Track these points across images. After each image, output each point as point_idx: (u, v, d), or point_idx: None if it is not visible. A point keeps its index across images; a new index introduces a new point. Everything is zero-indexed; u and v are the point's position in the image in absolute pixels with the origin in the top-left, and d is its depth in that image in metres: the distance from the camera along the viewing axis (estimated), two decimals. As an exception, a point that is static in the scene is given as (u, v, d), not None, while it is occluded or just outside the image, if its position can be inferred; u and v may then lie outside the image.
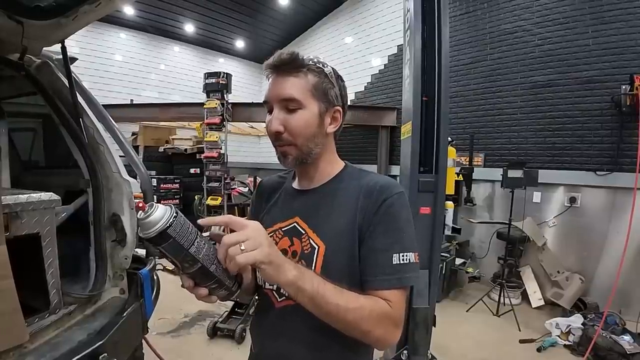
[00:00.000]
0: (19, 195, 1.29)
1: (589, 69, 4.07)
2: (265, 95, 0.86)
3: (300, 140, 0.83)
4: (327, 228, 0.84)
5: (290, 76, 0.83)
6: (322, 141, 0.88)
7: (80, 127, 1.84)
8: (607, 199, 3.98)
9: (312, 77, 0.84)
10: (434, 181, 2.35)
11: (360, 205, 0.83)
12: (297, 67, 0.83)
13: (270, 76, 0.85)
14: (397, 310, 0.78)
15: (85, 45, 7.20)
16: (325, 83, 0.85)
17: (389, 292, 0.78)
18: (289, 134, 0.83)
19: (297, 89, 0.82)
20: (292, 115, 0.82)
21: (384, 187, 0.83)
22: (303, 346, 0.84)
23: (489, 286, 4.33)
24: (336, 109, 0.89)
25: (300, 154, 0.85)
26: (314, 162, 0.89)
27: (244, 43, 9.35)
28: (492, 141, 4.96)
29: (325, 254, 0.82)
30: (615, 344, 2.90)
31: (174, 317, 3.59)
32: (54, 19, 1.53)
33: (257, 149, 10.52)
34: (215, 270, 0.68)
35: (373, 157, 6.43)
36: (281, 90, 0.82)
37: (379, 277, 0.78)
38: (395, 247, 0.79)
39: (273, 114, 0.84)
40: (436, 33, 2.38)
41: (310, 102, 0.83)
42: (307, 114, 0.83)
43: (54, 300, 1.44)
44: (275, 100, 0.83)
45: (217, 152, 5.80)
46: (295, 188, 0.95)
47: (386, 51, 6.65)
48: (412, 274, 0.79)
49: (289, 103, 0.82)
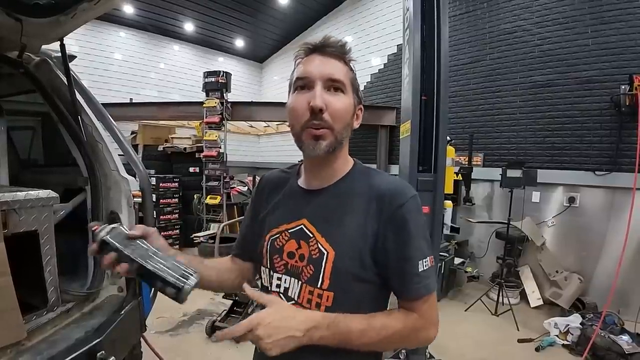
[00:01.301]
0: (17, 193, 1.29)
1: (588, 69, 4.07)
2: (302, 71, 0.81)
3: (338, 125, 0.80)
4: (336, 233, 0.82)
5: (336, 59, 0.82)
6: (349, 134, 0.86)
7: (79, 125, 1.84)
8: (606, 199, 3.99)
9: (350, 69, 0.84)
10: (432, 180, 2.36)
11: (373, 211, 0.81)
12: (344, 54, 0.83)
13: (309, 55, 0.82)
14: (429, 317, 0.81)
15: (85, 43, 7.20)
16: (357, 81, 0.86)
17: (418, 301, 0.80)
18: (330, 116, 0.78)
19: (343, 73, 0.82)
20: (336, 97, 0.80)
21: (398, 191, 0.81)
22: (311, 352, 0.81)
23: (488, 286, 4.33)
24: (360, 107, 0.89)
25: (334, 141, 0.80)
26: (334, 156, 0.85)
27: (243, 42, 9.35)
28: (491, 141, 4.97)
29: (334, 260, 0.79)
30: (614, 343, 2.90)
31: (172, 315, 3.59)
32: (52, 16, 1.53)
33: (257, 148, 10.52)
34: (153, 269, 0.75)
35: (372, 156, 6.43)
36: (330, 69, 0.80)
37: (407, 287, 0.80)
38: (417, 254, 0.79)
39: (316, 91, 0.77)
40: (435, 32, 2.38)
41: (349, 90, 0.83)
42: (348, 100, 0.82)
43: (52, 297, 1.44)
44: (320, 78, 0.78)
45: (216, 151, 5.80)
46: (303, 187, 0.92)
47: (386, 50, 6.65)
48: (434, 277, 0.82)
49: (335, 83, 0.80)
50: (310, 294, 0.81)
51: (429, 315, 0.82)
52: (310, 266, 0.82)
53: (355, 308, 0.81)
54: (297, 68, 0.83)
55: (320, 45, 0.81)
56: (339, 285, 0.79)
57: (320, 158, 0.83)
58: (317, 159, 0.84)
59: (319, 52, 0.82)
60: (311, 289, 0.81)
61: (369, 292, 0.83)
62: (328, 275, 0.79)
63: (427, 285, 0.79)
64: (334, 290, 0.79)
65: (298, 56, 0.84)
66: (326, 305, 0.80)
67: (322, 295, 0.80)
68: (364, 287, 0.81)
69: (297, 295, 0.83)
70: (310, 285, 0.81)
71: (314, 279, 0.81)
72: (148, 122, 7.06)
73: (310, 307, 0.81)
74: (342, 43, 0.82)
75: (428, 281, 0.80)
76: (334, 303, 0.80)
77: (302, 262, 0.83)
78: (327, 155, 0.82)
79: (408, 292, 0.80)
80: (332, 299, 0.80)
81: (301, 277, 0.83)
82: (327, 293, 0.80)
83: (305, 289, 0.82)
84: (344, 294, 0.80)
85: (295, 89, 0.83)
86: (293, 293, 0.84)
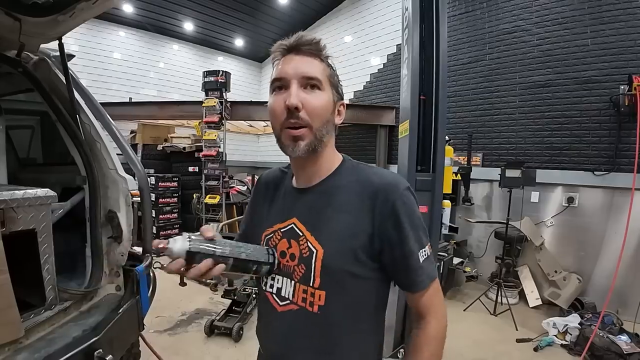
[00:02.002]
0: (15, 191, 1.29)
1: (587, 69, 4.07)
2: (278, 72, 0.81)
3: (316, 123, 0.79)
4: (325, 231, 0.82)
5: (311, 57, 0.81)
6: (331, 131, 0.86)
7: (77, 124, 1.84)
8: (604, 199, 3.99)
9: (327, 66, 0.84)
10: (431, 180, 2.36)
11: (366, 207, 0.80)
12: (319, 51, 0.82)
13: (285, 56, 0.82)
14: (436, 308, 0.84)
15: (84, 43, 7.20)
16: (336, 76, 0.86)
17: (423, 291, 0.82)
18: (307, 113, 0.78)
19: (319, 71, 0.81)
20: (312, 94, 0.80)
21: (391, 186, 0.81)
22: (308, 351, 0.83)
23: (487, 285, 4.34)
24: (342, 103, 0.89)
25: (313, 139, 0.80)
26: (317, 154, 0.84)
27: (243, 42, 9.35)
28: (490, 141, 4.97)
29: (323, 258, 0.79)
30: (612, 343, 2.90)
31: (171, 315, 3.59)
32: (51, 15, 1.53)
33: (256, 147, 10.53)
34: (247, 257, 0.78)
35: (372, 156, 6.43)
36: (305, 67, 0.80)
37: (413, 280, 0.82)
38: (416, 246, 0.80)
39: (291, 90, 0.78)
40: (434, 32, 2.38)
41: (327, 87, 0.83)
42: (325, 96, 0.82)
43: (50, 296, 1.44)
44: (295, 77, 0.79)
45: (215, 150, 5.79)
46: (294, 186, 0.92)
47: (385, 50, 6.65)
48: (434, 264, 0.85)
49: (311, 81, 0.79)
50: (305, 292, 0.81)
51: (436, 305, 0.84)
52: (302, 265, 0.82)
53: (353, 306, 0.82)
54: (274, 69, 0.83)
55: (295, 45, 0.81)
56: (330, 284, 0.79)
57: (302, 158, 0.83)
58: (300, 159, 0.84)
59: (294, 51, 0.81)
60: (305, 288, 0.81)
61: (367, 289, 0.83)
62: (318, 274, 0.79)
63: (429, 274, 0.82)
64: (326, 288, 0.79)
65: (275, 57, 0.84)
66: (319, 304, 0.80)
67: (315, 294, 0.80)
68: (360, 284, 0.81)
69: (292, 295, 0.83)
70: (304, 284, 0.81)
71: (306, 277, 0.81)
72: (147, 122, 7.07)
73: (305, 306, 0.81)
74: (316, 40, 0.81)
75: (429, 270, 0.82)
76: (327, 302, 0.80)
77: (293, 262, 0.83)
78: (309, 155, 0.82)
79: (415, 286, 0.82)
80: (325, 297, 0.80)
81: (293, 276, 0.83)
82: (319, 292, 0.80)
83: (299, 288, 0.82)
84: (337, 291, 0.80)
85: (273, 90, 0.83)
86: (287, 293, 0.84)
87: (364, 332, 0.85)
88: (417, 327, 0.84)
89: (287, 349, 0.85)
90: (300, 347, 0.84)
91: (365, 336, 0.86)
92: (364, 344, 0.86)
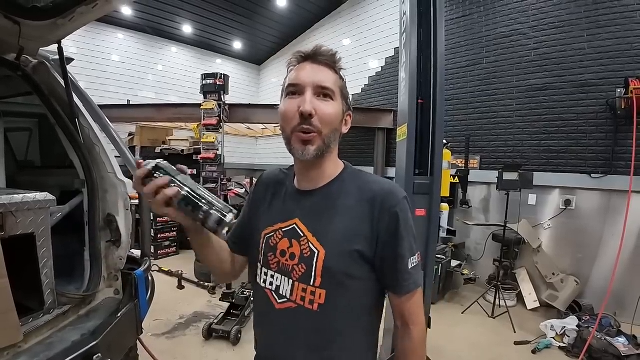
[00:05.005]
0: (14, 195, 1.29)
1: (584, 73, 4.10)
2: (294, 78, 0.85)
3: (326, 130, 0.84)
4: (327, 233, 0.85)
5: (326, 67, 0.86)
6: (338, 139, 0.90)
7: (76, 127, 1.84)
8: (602, 202, 4.01)
9: (340, 78, 0.89)
10: (429, 183, 2.36)
11: (365, 212, 0.84)
12: (334, 63, 0.87)
13: (301, 63, 0.87)
14: (416, 315, 0.89)
15: (83, 45, 7.19)
16: (346, 89, 0.91)
17: (407, 295, 0.87)
18: (319, 120, 0.82)
19: (333, 81, 0.86)
20: (325, 103, 0.84)
21: (389, 194, 0.85)
22: (305, 347, 0.86)
23: (485, 288, 4.35)
24: (349, 114, 0.93)
25: (322, 145, 0.84)
26: (323, 159, 0.88)
27: (241, 44, 9.36)
28: (488, 144, 4.99)
29: (325, 259, 0.83)
30: (610, 345, 2.92)
31: (169, 318, 3.58)
32: (51, 19, 1.54)
33: (254, 150, 10.52)
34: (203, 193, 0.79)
35: (370, 159, 6.44)
36: (320, 77, 0.84)
37: (399, 284, 0.86)
38: (408, 253, 0.85)
39: (306, 97, 0.82)
40: (432, 36, 2.38)
41: (338, 98, 0.87)
42: (337, 106, 0.86)
43: (49, 300, 1.43)
44: (310, 85, 0.83)
45: (213, 153, 5.78)
46: (297, 188, 0.95)
47: (383, 53, 6.67)
48: (420, 273, 0.89)
49: (325, 90, 0.84)
50: (304, 291, 0.84)
51: (419, 314, 0.89)
52: (302, 265, 0.85)
53: (351, 305, 0.86)
54: (289, 75, 0.87)
55: (312, 54, 0.86)
56: (331, 283, 0.83)
57: (309, 161, 0.86)
58: (306, 162, 0.87)
59: (311, 60, 0.86)
60: (304, 287, 0.84)
61: (364, 288, 0.87)
62: (319, 274, 0.83)
63: (416, 281, 0.87)
64: (326, 287, 0.83)
65: (291, 64, 0.88)
66: (319, 302, 0.83)
67: (315, 292, 0.84)
68: (357, 283, 0.85)
69: (290, 293, 0.86)
70: (303, 283, 0.84)
71: (306, 276, 0.84)
72: (145, 124, 7.05)
73: (304, 304, 0.84)
74: (332, 52, 0.87)
75: (416, 277, 0.87)
76: (327, 300, 0.83)
77: (293, 261, 0.86)
78: (316, 159, 0.85)
79: (400, 289, 0.86)
80: (325, 296, 0.83)
81: (291, 275, 0.86)
82: (319, 290, 0.83)
83: (298, 286, 0.85)
84: (337, 291, 0.83)
85: (287, 94, 0.86)
86: (284, 291, 0.87)
87: (360, 331, 0.90)
88: (403, 334, 0.89)
89: (286, 346, 0.87)
90: (297, 344, 0.86)
91: (361, 335, 0.90)
92: (360, 342, 0.90)
